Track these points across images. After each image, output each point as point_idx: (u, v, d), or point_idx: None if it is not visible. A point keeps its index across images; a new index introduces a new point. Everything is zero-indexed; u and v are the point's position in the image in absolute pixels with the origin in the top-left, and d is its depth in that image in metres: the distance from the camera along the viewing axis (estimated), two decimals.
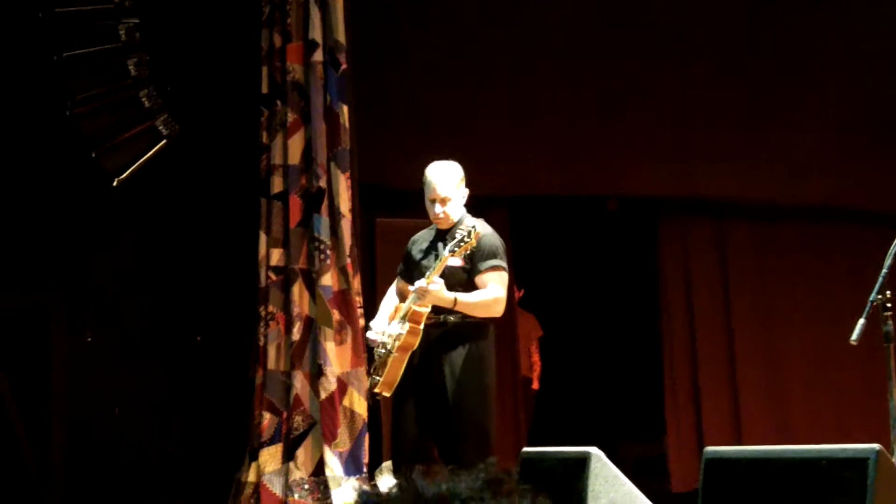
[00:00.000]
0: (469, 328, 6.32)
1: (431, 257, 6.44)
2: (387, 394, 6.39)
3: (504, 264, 6.39)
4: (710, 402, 9.73)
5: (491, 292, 6.30)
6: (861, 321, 4.90)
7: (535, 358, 10.32)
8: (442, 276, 6.22)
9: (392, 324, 6.45)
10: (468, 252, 6.22)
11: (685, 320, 9.83)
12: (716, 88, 9.64)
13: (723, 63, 9.64)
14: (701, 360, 9.78)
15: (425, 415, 6.35)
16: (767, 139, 9.76)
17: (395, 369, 6.27)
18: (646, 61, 9.52)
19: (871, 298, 4.93)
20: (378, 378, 6.37)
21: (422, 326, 6.24)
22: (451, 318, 6.29)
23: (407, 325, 6.24)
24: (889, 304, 4.90)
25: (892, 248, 4.98)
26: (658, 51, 9.54)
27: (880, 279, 4.94)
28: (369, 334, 6.63)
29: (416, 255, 6.58)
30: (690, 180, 9.71)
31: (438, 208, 6.40)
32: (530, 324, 10.37)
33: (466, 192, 6.49)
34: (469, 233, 6.11)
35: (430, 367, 6.32)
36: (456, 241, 6.12)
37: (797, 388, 9.92)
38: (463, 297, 6.23)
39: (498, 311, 6.37)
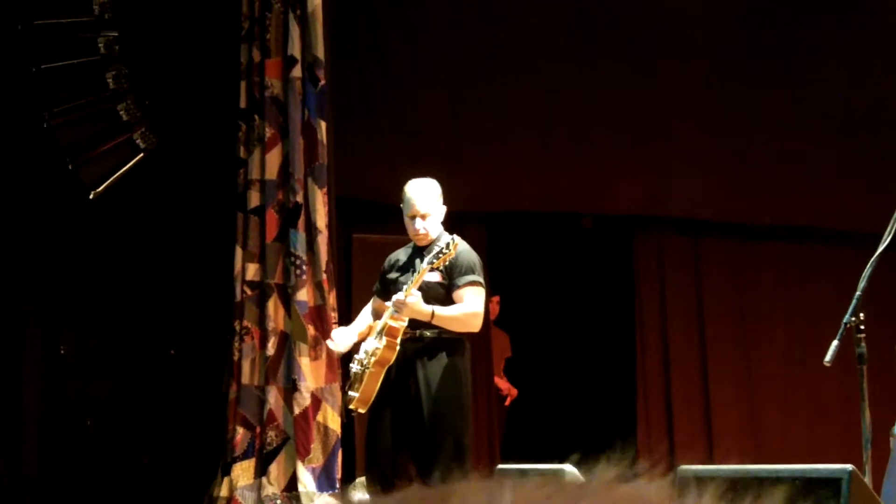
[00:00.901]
0: (445, 343, 6.33)
1: (409, 274, 6.45)
2: (362, 410, 6.39)
3: (482, 280, 6.41)
4: (682, 419, 9.77)
5: (468, 306, 6.31)
6: (835, 343, 4.92)
7: (497, 380, 10.30)
8: (419, 290, 6.24)
9: (368, 340, 6.46)
10: (446, 265, 6.23)
11: (659, 338, 9.86)
12: (692, 107, 9.69)
13: (699, 82, 9.69)
14: (674, 378, 9.81)
15: (401, 429, 6.35)
16: (744, 158, 9.81)
17: (372, 385, 6.27)
18: (622, 79, 9.56)
19: (844, 321, 4.95)
20: (353, 394, 6.37)
21: (398, 341, 6.24)
22: (428, 333, 6.30)
23: (384, 340, 6.24)
24: (862, 327, 4.92)
25: (865, 270, 5.01)
26: (635, 69, 9.58)
27: (854, 301, 4.96)
28: (329, 343, 6.63)
29: (394, 273, 6.58)
30: (666, 199, 9.74)
31: (419, 223, 6.42)
32: (503, 343, 10.38)
33: (444, 209, 6.52)
34: (448, 245, 6.12)
35: (406, 382, 6.33)
36: (434, 252, 6.13)
37: (771, 406, 9.95)
38: (440, 311, 6.24)
39: (475, 325, 6.39)
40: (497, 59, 9.33)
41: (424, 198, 6.44)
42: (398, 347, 6.24)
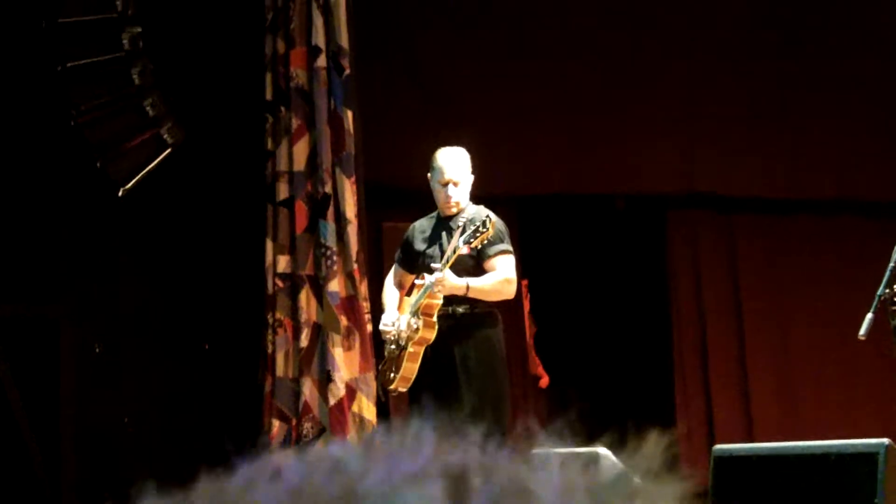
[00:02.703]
0: (479, 318, 6.32)
1: (436, 246, 6.42)
2: (403, 389, 6.38)
3: (511, 248, 6.38)
4: (720, 399, 9.71)
5: (501, 273, 6.28)
6: (869, 315, 4.87)
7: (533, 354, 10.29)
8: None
9: (401, 318, 6.42)
10: (469, 232, 6.19)
11: (695, 318, 9.81)
12: (721, 83, 9.62)
13: (729, 58, 9.61)
14: (711, 358, 9.76)
15: (443, 405, 6.32)
16: (775, 133, 9.73)
17: (412, 364, 6.27)
18: (650, 57, 9.50)
19: (878, 293, 4.90)
20: (393, 374, 6.35)
21: (436, 319, 6.23)
22: (460, 310, 6.29)
23: (422, 320, 6.22)
24: None
25: None
26: (663, 47, 9.52)
27: (888, 273, 4.92)
28: (382, 327, 6.59)
29: (419, 244, 6.55)
30: (698, 176, 9.68)
31: (452, 190, 6.39)
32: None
33: (472, 178, 6.48)
34: (484, 222, 6.09)
35: (443, 359, 6.31)
36: (471, 231, 6.09)
37: (808, 383, 9.88)
38: (475, 283, 6.23)
39: (510, 292, 6.37)
40: (525, 41, 9.28)
41: (456, 165, 6.42)
42: (437, 325, 6.22)
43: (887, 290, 4.93)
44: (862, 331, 4.90)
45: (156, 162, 8.12)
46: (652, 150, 9.54)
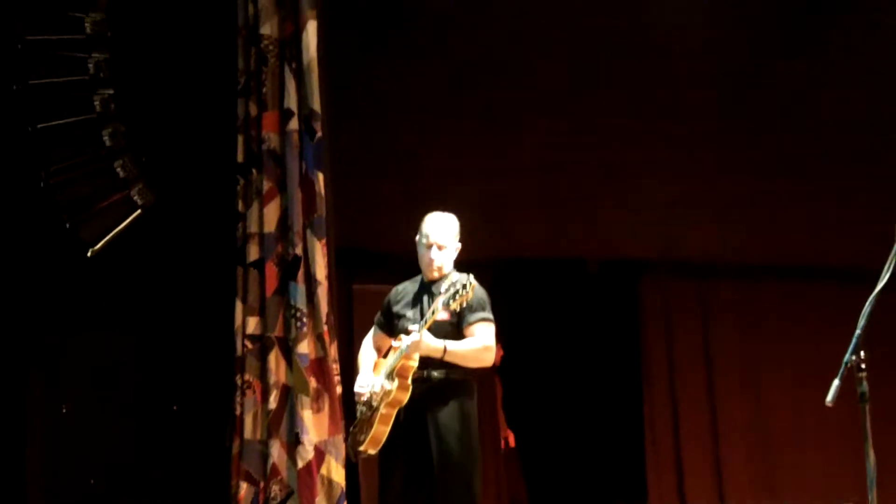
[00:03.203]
0: (454, 385, 6.30)
1: (417, 310, 6.41)
2: (372, 451, 6.34)
3: (491, 317, 6.38)
4: (692, 464, 9.70)
5: (480, 340, 6.27)
6: (836, 382, 4.87)
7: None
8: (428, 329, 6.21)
9: (376, 380, 6.40)
10: (450, 294, 6.18)
11: (666, 382, 9.82)
12: (694, 150, 9.65)
13: (703, 125, 9.65)
14: (682, 423, 9.75)
15: (412, 472, 6.30)
16: (748, 200, 9.78)
17: (383, 426, 6.24)
18: (625, 123, 9.55)
19: (844, 360, 4.91)
20: (363, 437, 6.32)
21: (410, 381, 6.21)
22: (436, 374, 6.28)
23: (396, 382, 6.20)
24: (863, 366, 4.87)
25: (865, 308, 4.96)
26: (637, 112, 9.56)
27: (854, 340, 4.92)
28: (357, 388, 6.56)
29: (401, 308, 6.55)
30: (671, 242, 9.71)
31: (435, 253, 6.39)
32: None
33: (459, 246, 6.49)
34: (465, 286, 6.08)
35: (415, 425, 6.28)
36: (451, 293, 6.08)
37: (781, 448, 9.88)
38: (452, 346, 6.22)
39: (488, 360, 6.36)
40: (498, 105, 9.32)
41: (442, 230, 6.43)
42: (410, 387, 6.20)
43: (854, 357, 4.92)
44: (829, 397, 4.89)
45: (126, 223, 8.10)
46: (625, 215, 9.56)
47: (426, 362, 6.23)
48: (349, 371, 8.45)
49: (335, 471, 7.85)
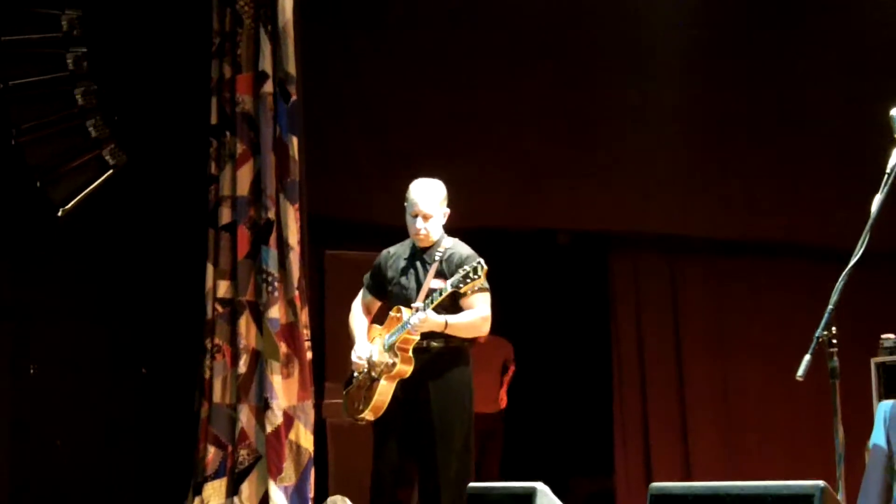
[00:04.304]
0: (452, 353, 6.29)
1: (412, 276, 6.38)
2: (371, 418, 6.32)
3: (488, 286, 6.35)
4: (659, 438, 9.73)
5: (478, 312, 6.26)
6: (807, 357, 4.87)
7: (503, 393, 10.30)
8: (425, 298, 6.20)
9: (373, 349, 6.38)
10: (452, 271, 6.16)
11: (635, 356, 9.83)
12: (666, 123, 9.65)
13: (676, 98, 9.65)
14: (650, 397, 9.78)
15: (409, 440, 6.30)
16: (719, 174, 9.79)
17: (384, 396, 6.23)
18: (596, 95, 9.53)
19: (816, 335, 4.92)
20: (362, 405, 6.30)
21: (411, 353, 6.21)
22: (434, 344, 6.26)
23: (399, 355, 6.19)
24: (834, 341, 4.88)
25: (837, 284, 4.97)
26: (608, 84, 9.55)
27: (826, 315, 4.93)
28: (355, 358, 6.53)
29: (392, 272, 6.51)
30: (641, 215, 9.71)
31: (420, 223, 6.35)
32: (506, 351, 10.33)
33: (448, 211, 6.46)
34: (476, 269, 6.05)
35: (416, 395, 6.27)
36: (461, 276, 6.05)
37: (748, 423, 9.92)
38: (453, 320, 6.19)
39: (485, 330, 6.35)
40: (470, 75, 9.29)
41: (428, 198, 6.38)
42: (413, 360, 6.21)
43: (825, 332, 4.93)
44: (800, 371, 4.89)
45: (97, 184, 8.05)
46: (595, 187, 9.55)
47: (426, 333, 6.23)
48: (320, 336, 8.45)
49: (304, 436, 7.84)
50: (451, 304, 6.27)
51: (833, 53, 9.78)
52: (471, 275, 6.02)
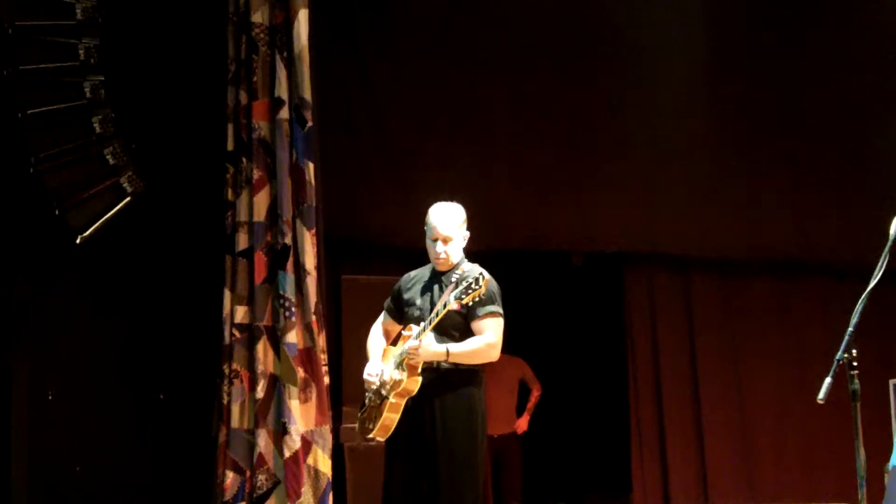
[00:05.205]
0: (461, 374, 6.27)
1: (427, 298, 6.38)
2: (381, 439, 6.33)
3: (501, 311, 6.34)
4: (675, 453, 9.71)
5: (484, 339, 6.24)
6: (828, 379, 4.87)
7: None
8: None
9: (385, 368, 6.39)
10: (462, 289, 6.15)
11: (651, 373, 9.82)
12: (680, 144, 9.64)
13: (687, 117, 9.64)
14: (667, 413, 9.76)
15: (416, 460, 6.29)
16: (733, 194, 9.77)
17: (393, 414, 6.23)
18: (612, 117, 9.54)
19: (837, 357, 4.92)
20: (373, 424, 6.31)
21: (420, 371, 6.20)
22: (444, 364, 6.24)
23: (406, 372, 6.18)
24: (855, 363, 4.88)
25: (857, 306, 4.97)
26: (625, 107, 9.55)
27: (846, 338, 4.92)
28: (367, 376, 6.54)
29: (410, 294, 6.51)
30: (655, 235, 9.71)
31: (440, 247, 6.35)
32: (519, 370, 10.32)
33: (467, 234, 6.46)
34: (477, 280, 6.04)
35: (421, 413, 6.27)
36: (463, 287, 6.04)
37: (765, 442, 9.90)
38: (455, 348, 6.18)
39: (493, 356, 6.32)
40: (487, 98, 9.30)
41: (447, 221, 6.38)
42: (420, 378, 6.20)
43: (846, 355, 4.93)
44: (820, 394, 4.90)
45: (115, 210, 8.08)
46: (610, 208, 9.55)
47: None
48: (337, 361, 8.47)
49: (322, 461, 7.85)
50: (464, 325, 6.28)
51: (850, 76, 9.75)
52: (472, 286, 6.02)
